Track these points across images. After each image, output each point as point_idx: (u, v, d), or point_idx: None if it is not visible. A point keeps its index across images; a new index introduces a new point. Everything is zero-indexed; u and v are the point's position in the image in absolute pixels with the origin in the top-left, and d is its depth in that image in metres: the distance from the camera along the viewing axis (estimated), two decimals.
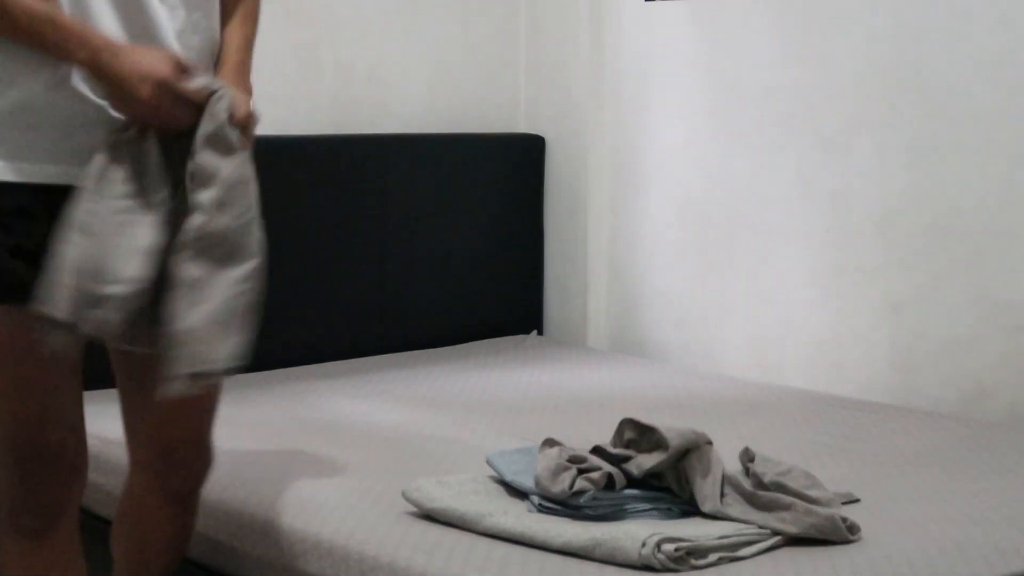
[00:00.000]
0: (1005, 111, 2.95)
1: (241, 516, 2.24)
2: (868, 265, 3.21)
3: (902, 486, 2.30)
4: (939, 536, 1.99)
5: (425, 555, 1.95)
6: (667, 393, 3.10)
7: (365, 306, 3.55)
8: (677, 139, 3.63)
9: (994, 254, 2.98)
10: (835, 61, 3.25)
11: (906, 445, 2.59)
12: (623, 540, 1.86)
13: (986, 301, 2.99)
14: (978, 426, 2.77)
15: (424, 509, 2.10)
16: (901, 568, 1.86)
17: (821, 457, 2.48)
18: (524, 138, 3.92)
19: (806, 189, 3.34)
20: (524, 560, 1.91)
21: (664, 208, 3.68)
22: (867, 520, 2.03)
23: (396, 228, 3.60)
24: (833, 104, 3.26)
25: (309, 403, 3.00)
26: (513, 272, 3.88)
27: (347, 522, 2.11)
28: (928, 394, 3.08)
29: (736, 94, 3.48)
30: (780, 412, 2.90)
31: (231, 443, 2.61)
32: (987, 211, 2.99)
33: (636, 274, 3.76)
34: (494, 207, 3.83)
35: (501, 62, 3.93)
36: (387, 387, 3.16)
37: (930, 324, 3.09)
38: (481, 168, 3.80)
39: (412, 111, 3.76)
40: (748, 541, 1.92)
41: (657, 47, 3.66)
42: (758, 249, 3.46)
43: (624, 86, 3.75)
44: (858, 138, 3.22)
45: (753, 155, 3.45)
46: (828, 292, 3.30)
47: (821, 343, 3.32)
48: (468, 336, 3.75)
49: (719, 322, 3.57)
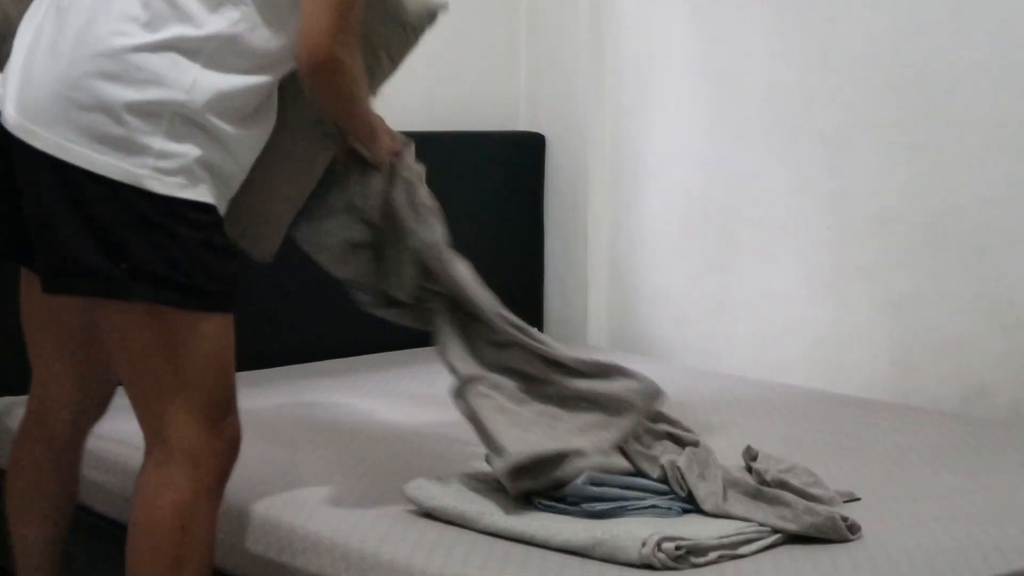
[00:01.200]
0: (1005, 109, 2.94)
1: (241, 514, 2.24)
2: (868, 263, 3.21)
3: (902, 484, 2.30)
4: (939, 534, 2.00)
5: (425, 553, 1.95)
6: (667, 391, 3.09)
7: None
8: (677, 137, 3.63)
9: (994, 252, 2.98)
10: (835, 60, 3.25)
11: (906, 443, 2.59)
12: (623, 539, 1.86)
13: (986, 299, 2.99)
14: (978, 424, 2.77)
15: (424, 507, 2.10)
16: (901, 566, 1.86)
17: (821, 455, 2.48)
18: (524, 136, 3.91)
19: (806, 187, 3.34)
20: (524, 558, 1.91)
21: (664, 206, 3.68)
22: (867, 518, 2.03)
23: None
24: (833, 103, 3.26)
25: (309, 401, 3.00)
26: (513, 270, 3.88)
27: (347, 520, 2.11)
28: (928, 392, 3.08)
29: (736, 92, 3.48)
30: (780, 410, 2.90)
31: None
32: (987, 209, 2.99)
33: (636, 272, 3.76)
34: (494, 205, 3.83)
35: (501, 60, 3.93)
36: (387, 385, 3.16)
37: (930, 322, 3.09)
38: (481, 166, 3.80)
39: (412, 108, 3.75)
40: (748, 539, 1.92)
41: (657, 45, 3.66)
42: (758, 247, 3.45)
43: (624, 84, 3.75)
44: (858, 136, 3.21)
45: (753, 153, 3.45)
46: (828, 290, 3.30)
47: (821, 341, 3.32)
48: None
49: (719, 320, 3.56)
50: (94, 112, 1.95)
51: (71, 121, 1.95)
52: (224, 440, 2.11)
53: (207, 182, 2.02)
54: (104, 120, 1.95)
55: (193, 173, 1.99)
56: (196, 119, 1.99)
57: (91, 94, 1.95)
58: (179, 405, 2.05)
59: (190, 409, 2.06)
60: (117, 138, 1.95)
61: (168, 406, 2.06)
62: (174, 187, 1.98)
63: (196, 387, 2.06)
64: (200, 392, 2.07)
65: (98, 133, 1.95)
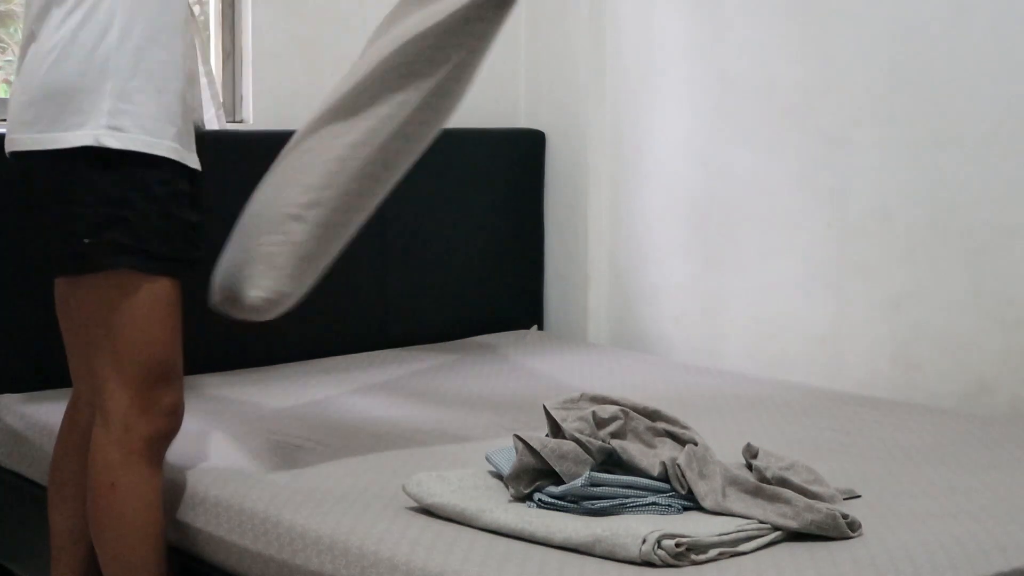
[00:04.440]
0: (1006, 107, 2.94)
1: (241, 511, 2.24)
2: (869, 260, 3.21)
3: (902, 481, 2.30)
4: (940, 531, 1.99)
5: (425, 550, 1.95)
6: (667, 388, 3.10)
7: (365, 301, 3.55)
8: (678, 134, 3.63)
9: (995, 250, 2.98)
10: (836, 57, 3.25)
11: (906, 440, 2.59)
12: (623, 536, 1.86)
13: (987, 296, 2.99)
14: (978, 421, 2.77)
15: (424, 504, 2.10)
16: (901, 563, 1.86)
17: (821, 452, 2.48)
18: (524, 133, 3.91)
19: (807, 184, 3.34)
20: (524, 556, 1.90)
21: (664, 203, 3.68)
22: (867, 515, 2.03)
23: (396, 223, 3.59)
24: (834, 99, 3.26)
25: (309, 398, 3.00)
26: (513, 267, 3.88)
27: (347, 517, 2.11)
28: (928, 389, 3.08)
29: (737, 89, 3.48)
30: (780, 407, 2.90)
31: (231, 438, 2.61)
32: (988, 207, 2.99)
33: (636, 269, 3.76)
34: (494, 202, 3.83)
35: (501, 57, 3.91)
36: (387, 382, 3.16)
37: (931, 319, 3.09)
38: (481, 163, 3.80)
39: None
40: (748, 537, 1.92)
41: (657, 41, 3.66)
42: (759, 244, 3.45)
43: (624, 81, 3.75)
44: (859, 133, 3.21)
45: (754, 150, 3.45)
46: (828, 287, 3.30)
47: (821, 338, 3.32)
48: (468, 331, 3.75)
49: (719, 317, 3.57)
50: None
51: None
52: (158, 408, 2.22)
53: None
54: None
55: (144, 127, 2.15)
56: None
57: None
58: (111, 371, 2.20)
59: (121, 375, 2.19)
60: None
61: (101, 371, 2.21)
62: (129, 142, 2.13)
63: (128, 354, 2.19)
64: (131, 359, 2.19)
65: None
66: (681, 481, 2.05)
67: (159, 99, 2.15)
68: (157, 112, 2.15)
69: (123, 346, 2.19)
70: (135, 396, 2.20)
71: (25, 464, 2.76)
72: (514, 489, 2.07)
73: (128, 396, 2.20)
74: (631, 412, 2.20)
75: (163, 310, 2.21)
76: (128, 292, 2.17)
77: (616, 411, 2.18)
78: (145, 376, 2.21)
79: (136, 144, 2.12)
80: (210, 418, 2.76)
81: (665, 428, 2.23)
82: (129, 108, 2.12)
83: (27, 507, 2.74)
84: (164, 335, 2.22)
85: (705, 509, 2.01)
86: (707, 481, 2.04)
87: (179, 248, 2.20)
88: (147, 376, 2.21)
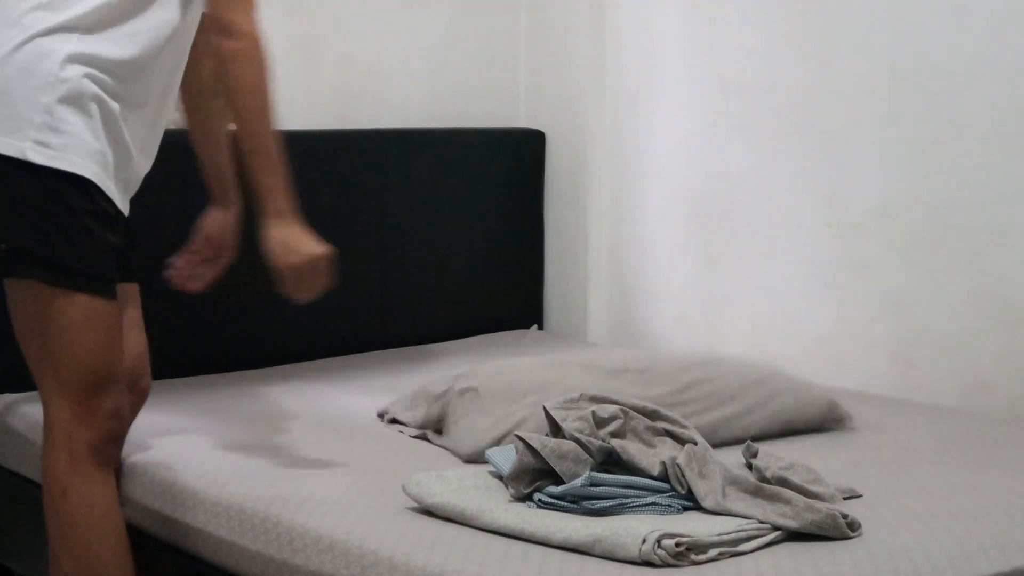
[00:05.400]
0: (1005, 106, 2.94)
1: (241, 511, 2.24)
2: (868, 259, 3.21)
3: (902, 480, 2.30)
4: (939, 531, 2.00)
5: (425, 550, 1.95)
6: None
7: (365, 301, 3.55)
8: (677, 133, 3.63)
9: (994, 249, 2.98)
10: (835, 56, 3.25)
11: (905, 440, 2.59)
12: (623, 536, 1.86)
13: (986, 295, 2.99)
14: (978, 420, 2.77)
15: (424, 504, 2.10)
16: (901, 563, 1.86)
17: (821, 451, 2.48)
18: (524, 133, 3.91)
19: (806, 183, 3.33)
20: (524, 556, 1.91)
21: (664, 202, 3.67)
22: (867, 515, 2.03)
23: (396, 223, 3.59)
24: (833, 99, 3.26)
25: (309, 398, 3.00)
26: (513, 266, 3.88)
27: (347, 517, 2.11)
28: (928, 388, 3.08)
29: (736, 89, 3.48)
30: None
31: (231, 438, 2.61)
32: (987, 205, 2.98)
33: (636, 268, 3.76)
34: (494, 202, 3.83)
35: (501, 56, 3.92)
36: (387, 382, 3.16)
37: (930, 318, 3.09)
38: (481, 162, 3.80)
39: (412, 105, 3.75)
40: (748, 536, 1.92)
41: (657, 41, 3.66)
42: (758, 243, 3.45)
43: (624, 81, 3.74)
44: (858, 133, 3.21)
45: (753, 149, 3.45)
46: (828, 286, 3.30)
47: (821, 337, 3.32)
48: (468, 331, 3.75)
49: (719, 316, 3.56)
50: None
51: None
52: (98, 415, 2.22)
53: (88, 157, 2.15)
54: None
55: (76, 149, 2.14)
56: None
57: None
58: (50, 380, 2.21)
59: (60, 385, 2.20)
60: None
61: (43, 380, 2.23)
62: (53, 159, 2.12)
63: (64, 365, 2.19)
64: (68, 369, 2.19)
65: None
66: (681, 481, 2.05)
67: (90, 124, 2.15)
68: (89, 142, 2.15)
69: (57, 355, 2.19)
70: (73, 404, 2.20)
71: (25, 464, 2.76)
72: (514, 489, 2.07)
73: (67, 404, 2.21)
74: (631, 412, 2.20)
75: (91, 321, 2.19)
76: (47, 303, 2.17)
77: (616, 411, 2.18)
78: (82, 384, 2.20)
79: (61, 163, 2.12)
80: (210, 418, 2.76)
81: (665, 427, 2.23)
82: (62, 128, 2.13)
83: (27, 507, 2.73)
84: (95, 344, 2.20)
85: (705, 509, 2.02)
86: (707, 481, 2.04)
87: (95, 265, 2.18)
88: (83, 385, 2.20)
